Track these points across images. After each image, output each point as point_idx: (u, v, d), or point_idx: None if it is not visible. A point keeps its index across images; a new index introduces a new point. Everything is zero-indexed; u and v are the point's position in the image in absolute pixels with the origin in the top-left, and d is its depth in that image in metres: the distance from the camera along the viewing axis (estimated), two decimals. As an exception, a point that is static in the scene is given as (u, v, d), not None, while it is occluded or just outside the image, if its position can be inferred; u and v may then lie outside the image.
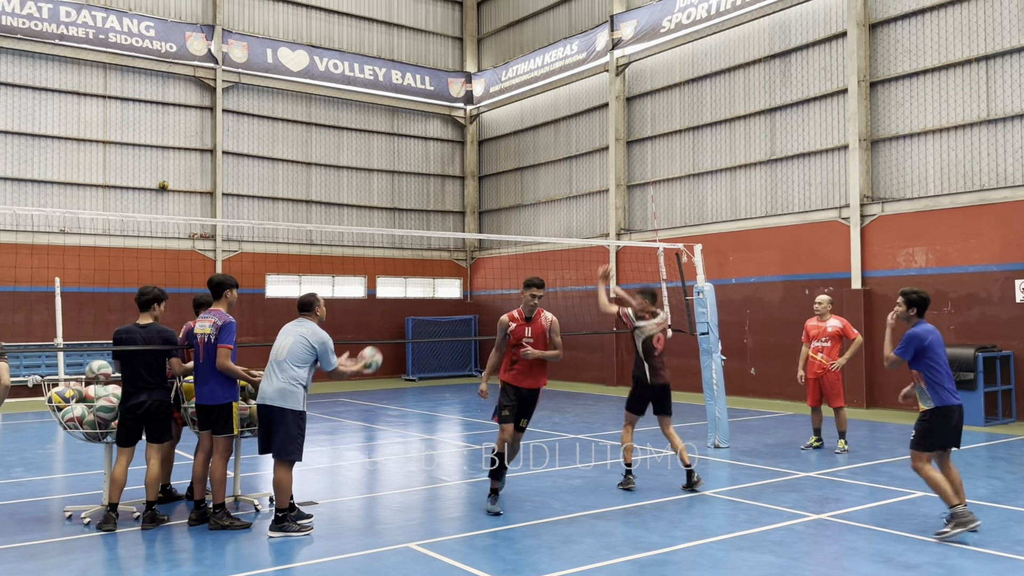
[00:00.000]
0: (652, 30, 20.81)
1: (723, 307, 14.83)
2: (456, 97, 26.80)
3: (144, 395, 7.37)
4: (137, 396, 7.35)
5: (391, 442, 12.71)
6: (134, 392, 7.36)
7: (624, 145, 21.89)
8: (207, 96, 22.55)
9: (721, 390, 11.59)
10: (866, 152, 16.56)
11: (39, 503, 8.37)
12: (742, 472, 9.72)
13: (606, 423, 13.98)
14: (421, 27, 26.49)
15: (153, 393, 7.42)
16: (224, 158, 22.64)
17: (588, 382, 21.97)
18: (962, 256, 15.01)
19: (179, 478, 9.05)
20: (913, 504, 7.97)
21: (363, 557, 6.46)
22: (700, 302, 11.64)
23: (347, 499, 8.66)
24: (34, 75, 20.32)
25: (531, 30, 25.34)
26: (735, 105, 19.26)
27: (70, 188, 20.67)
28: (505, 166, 26.13)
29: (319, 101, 24.47)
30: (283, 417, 7.07)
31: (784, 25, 18.23)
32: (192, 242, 21.89)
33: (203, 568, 6.20)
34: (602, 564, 6.19)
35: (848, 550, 6.51)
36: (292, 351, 7.16)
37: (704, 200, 19.95)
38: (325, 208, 24.44)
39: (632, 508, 7.91)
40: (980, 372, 13.43)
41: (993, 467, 10.02)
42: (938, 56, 15.64)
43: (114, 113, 21.33)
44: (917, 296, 7.19)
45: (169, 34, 21.73)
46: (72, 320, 18.32)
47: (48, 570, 6.14)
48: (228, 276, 7.68)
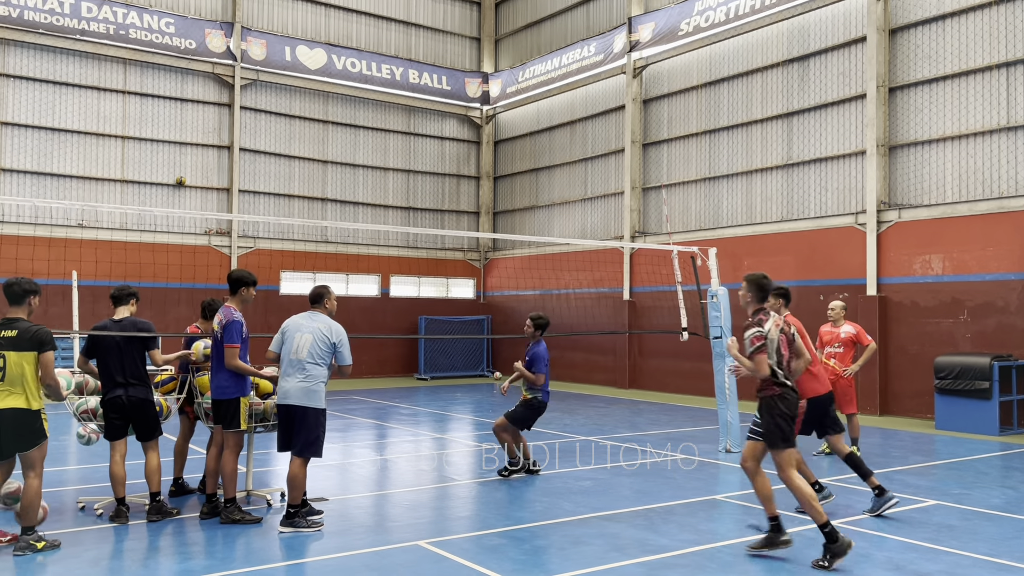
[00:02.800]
0: (670, 33, 20.77)
1: (737, 311, 14.73)
2: (473, 97, 26.83)
3: (120, 391, 7.33)
4: (114, 391, 7.34)
5: (402, 440, 12.74)
6: (112, 387, 7.35)
7: (640, 147, 21.86)
8: (225, 93, 22.68)
9: (734, 395, 11.56)
10: (884, 158, 16.47)
11: (53, 494, 8.44)
12: (753, 477, 9.68)
13: (617, 425, 13.96)
14: (439, 27, 26.54)
15: (129, 389, 7.35)
16: (241, 155, 22.77)
17: (600, 384, 21.92)
18: (979, 264, 14.90)
19: (191, 472, 9.11)
20: (925, 512, 7.92)
21: (373, 554, 6.48)
22: (714, 306, 11.61)
23: (358, 496, 8.69)
24: (55, 70, 20.50)
25: (549, 31, 25.34)
26: (752, 109, 19.19)
27: (89, 182, 20.84)
28: (520, 167, 26.14)
29: (336, 99, 24.56)
30: (306, 416, 7.11)
31: (803, 29, 18.15)
32: (208, 238, 22.02)
33: (214, 562, 6.24)
34: (611, 566, 6.18)
35: (859, 557, 6.48)
36: (312, 350, 7.16)
37: (719, 204, 19.89)
38: (340, 206, 24.52)
39: (641, 511, 7.90)
40: (995, 381, 13.31)
41: (1008, 477, 9.94)
42: (958, 62, 15.54)
43: (133, 108, 21.49)
44: None
45: (189, 31, 21.87)
46: (88, 313, 18.40)
47: (60, 560, 6.20)
48: (248, 273, 7.58)
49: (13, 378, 6.23)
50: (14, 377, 6.23)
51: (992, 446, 12.22)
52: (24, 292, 6.42)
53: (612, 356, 21.76)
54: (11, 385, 6.23)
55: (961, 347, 14.86)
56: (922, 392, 15.21)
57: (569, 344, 22.43)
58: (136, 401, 7.36)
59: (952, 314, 15.12)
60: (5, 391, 6.22)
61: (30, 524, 6.35)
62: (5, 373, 6.21)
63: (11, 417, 6.22)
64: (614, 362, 21.75)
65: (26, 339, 6.26)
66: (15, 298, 6.40)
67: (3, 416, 6.22)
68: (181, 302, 20.02)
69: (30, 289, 6.44)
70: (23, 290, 6.42)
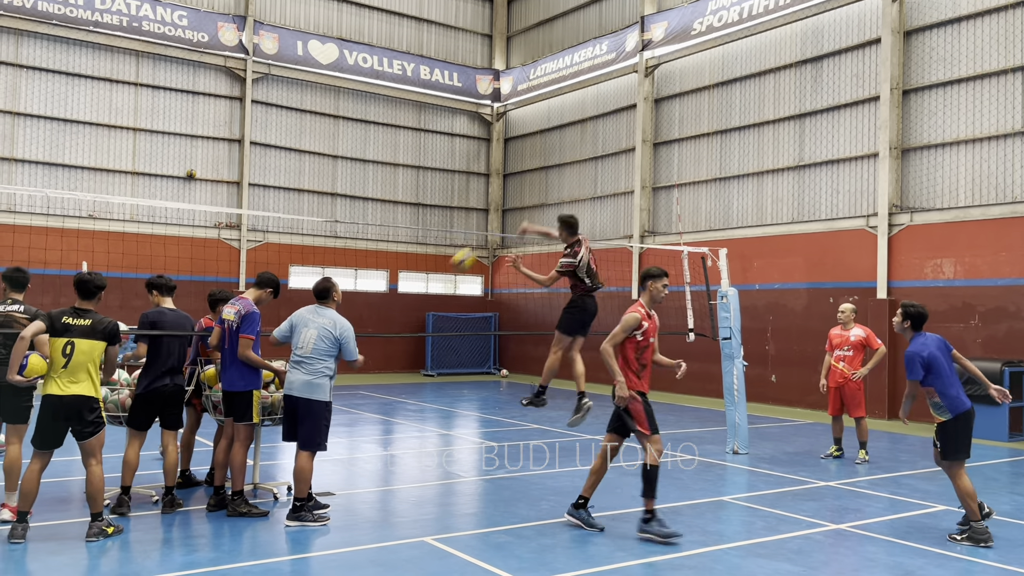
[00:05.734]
0: (683, 32, 20.70)
1: (746, 312, 14.71)
2: (484, 94, 26.81)
3: (167, 379, 7.45)
4: (162, 380, 7.42)
5: (408, 436, 12.74)
6: (160, 375, 7.42)
7: (651, 147, 21.79)
8: (237, 86, 22.71)
9: (742, 396, 11.51)
10: (896, 161, 16.38)
11: (60, 484, 8.47)
12: (761, 479, 9.65)
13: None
14: (451, 23, 26.52)
15: (176, 377, 7.53)
16: (252, 148, 22.80)
17: (606, 383, 21.86)
18: (992, 269, 14.80)
19: (199, 464, 9.12)
20: (934, 517, 7.87)
21: (378, 549, 6.47)
22: (723, 307, 11.57)
23: (364, 491, 8.69)
24: (67, 61, 20.56)
25: (561, 29, 25.29)
26: (764, 110, 19.11)
27: (99, 174, 20.90)
28: (530, 165, 26.10)
29: (347, 94, 24.56)
30: (310, 408, 7.12)
31: (817, 30, 18.06)
32: (218, 231, 22.06)
33: (220, 554, 6.24)
34: (617, 566, 6.16)
35: (867, 561, 6.44)
36: (316, 346, 7.17)
37: (730, 204, 19.81)
38: (350, 201, 24.53)
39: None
40: (1006, 387, 13.22)
41: (1016, 483, 9.87)
42: (973, 65, 15.43)
43: (145, 100, 21.54)
44: (915, 310, 7.32)
45: (201, 24, 21.90)
46: (99, 304, 18.51)
47: (67, 550, 6.21)
48: (275, 279, 7.79)
49: (78, 366, 6.39)
50: (79, 365, 6.39)
51: (1001, 452, 12.15)
52: (97, 288, 6.70)
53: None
54: (75, 373, 6.39)
55: (972, 352, 14.76)
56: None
57: (576, 343, 22.33)
58: (178, 390, 7.56)
59: (963, 319, 15.03)
60: (69, 378, 6.38)
61: (98, 511, 6.49)
62: (71, 360, 6.37)
63: (75, 403, 6.38)
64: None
65: (99, 330, 6.49)
66: (87, 293, 6.64)
67: (66, 402, 6.37)
68: (190, 295, 19.93)
69: (101, 285, 6.73)
70: (95, 286, 6.68)
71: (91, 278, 6.67)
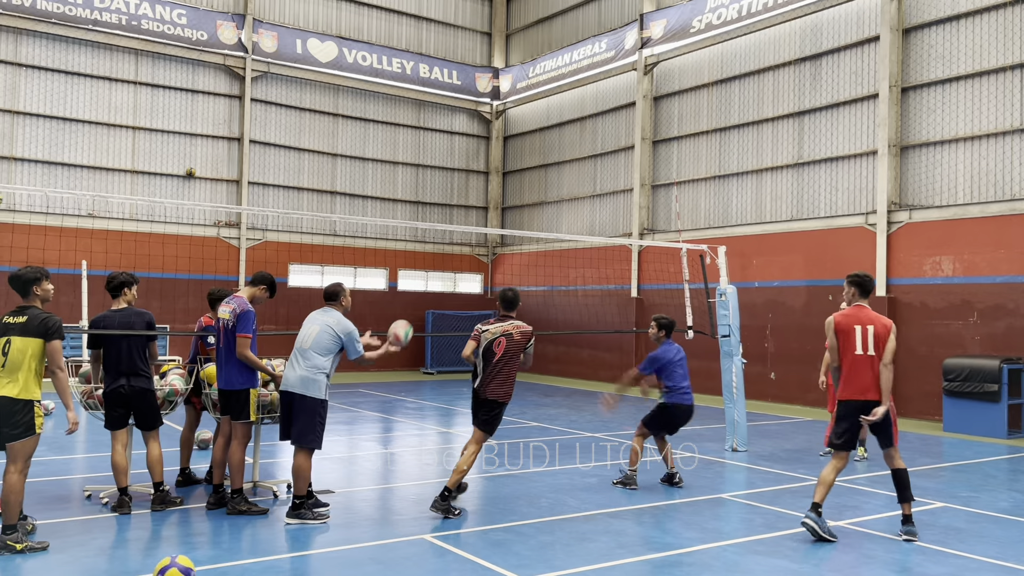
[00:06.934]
0: (682, 30, 20.70)
1: (745, 310, 14.73)
2: (483, 92, 26.80)
3: (122, 380, 7.27)
4: (116, 381, 7.29)
5: (408, 434, 12.75)
6: (114, 378, 7.29)
7: (650, 145, 21.80)
8: (236, 85, 22.71)
9: (741, 393, 11.53)
10: (895, 158, 16.39)
11: (60, 482, 8.48)
12: (759, 476, 9.67)
13: (623, 422, 13.94)
14: (450, 21, 26.51)
15: (131, 379, 7.27)
16: (251, 147, 22.80)
17: (606, 381, 21.90)
18: (990, 266, 14.81)
19: (198, 462, 9.13)
20: (932, 514, 7.88)
21: (378, 547, 6.48)
22: (722, 304, 11.58)
23: (363, 489, 8.70)
24: (66, 59, 20.55)
25: (560, 27, 25.29)
26: (763, 107, 19.12)
27: (99, 172, 20.90)
28: (530, 163, 26.10)
29: (346, 93, 24.56)
30: (304, 405, 7.12)
31: (816, 28, 18.06)
32: (217, 229, 22.06)
33: (220, 552, 6.25)
34: (616, 563, 6.17)
35: (865, 558, 6.46)
36: (317, 340, 7.20)
37: (729, 202, 19.82)
38: (349, 199, 24.54)
39: (647, 508, 7.89)
40: (1004, 384, 13.24)
41: (1015, 480, 9.89)
42: (972, 63, 15.44)
43: (144, 99, 21.53)
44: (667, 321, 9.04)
45: (200, 22, 21.90)
46: (97, 303, 18.40)
47: (68, 548, 6.22)
48: (270, 277, 7.69)
49: (13, 365, 6.09)
50: (15, 364, 6.09)
51: (1000, 449, 12.17)
52: (27, 282, 6.31)
53: (619, 353, 21.73)
54: (12, 372, 6.08)
55: (970, 349, 14.79)
56: (930, 394, 15.16)
57: (575, 340, 22.41)
58: (138, 391, 7.29)
59: (962, 316, 15.05)
60: (9, 378, 6.08)
61: (11, 523, 6.10)
62: (7, 360, 6.08)
63: (4, 404, 6.05)
64: (620, 359, 21.72)
65: (33, 326, 6.17)
66: (20, 289, 6.30)
67: None
68: (189, 293, 20.07)
69: (31, 278, 6.31)
70: (25, 280, 6.31)
71: (21, 272, 6.31)
